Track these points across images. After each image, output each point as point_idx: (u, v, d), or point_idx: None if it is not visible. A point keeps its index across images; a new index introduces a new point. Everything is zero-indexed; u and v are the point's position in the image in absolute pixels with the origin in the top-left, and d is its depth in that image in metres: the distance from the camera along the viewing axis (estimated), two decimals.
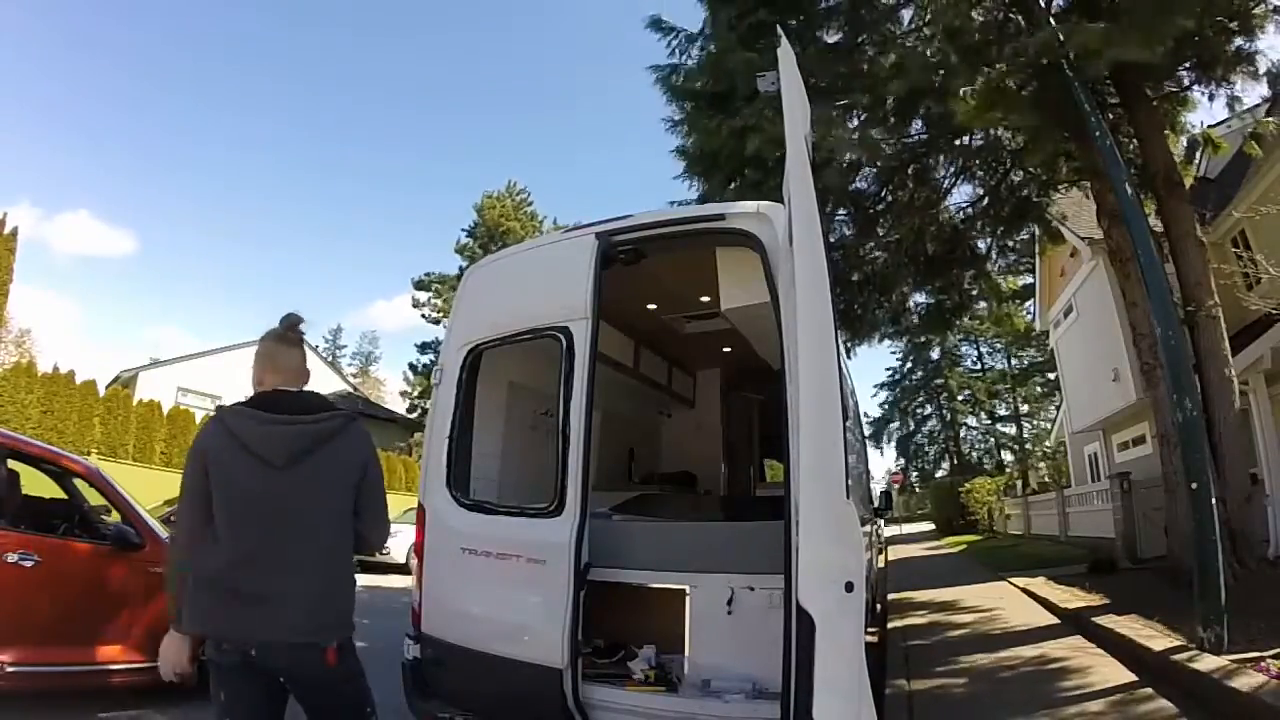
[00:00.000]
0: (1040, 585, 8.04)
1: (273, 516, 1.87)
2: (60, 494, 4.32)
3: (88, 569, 3.69)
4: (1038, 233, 9.73)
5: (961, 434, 39.40)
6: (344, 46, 72.36)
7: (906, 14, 7.64)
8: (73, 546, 3.74)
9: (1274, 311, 6.78)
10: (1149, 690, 3.85)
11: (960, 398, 38.53)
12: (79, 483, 4.22)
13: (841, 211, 8.29)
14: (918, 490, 41.63)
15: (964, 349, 38.49)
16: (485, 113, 76.78)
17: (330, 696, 1.96)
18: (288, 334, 2.11)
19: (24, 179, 59.84)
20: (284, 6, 64.93)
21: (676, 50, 7.80)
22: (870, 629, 5.20)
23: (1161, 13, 5.04)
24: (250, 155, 70.22)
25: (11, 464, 3.87)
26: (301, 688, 1.93)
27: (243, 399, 2.02)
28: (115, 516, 4.03)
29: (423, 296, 33.44)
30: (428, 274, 33.47)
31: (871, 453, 37.10)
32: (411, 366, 34.05)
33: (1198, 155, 8.71)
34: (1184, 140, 7.92)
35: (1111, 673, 4.30)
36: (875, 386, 40.64)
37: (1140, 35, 5.00)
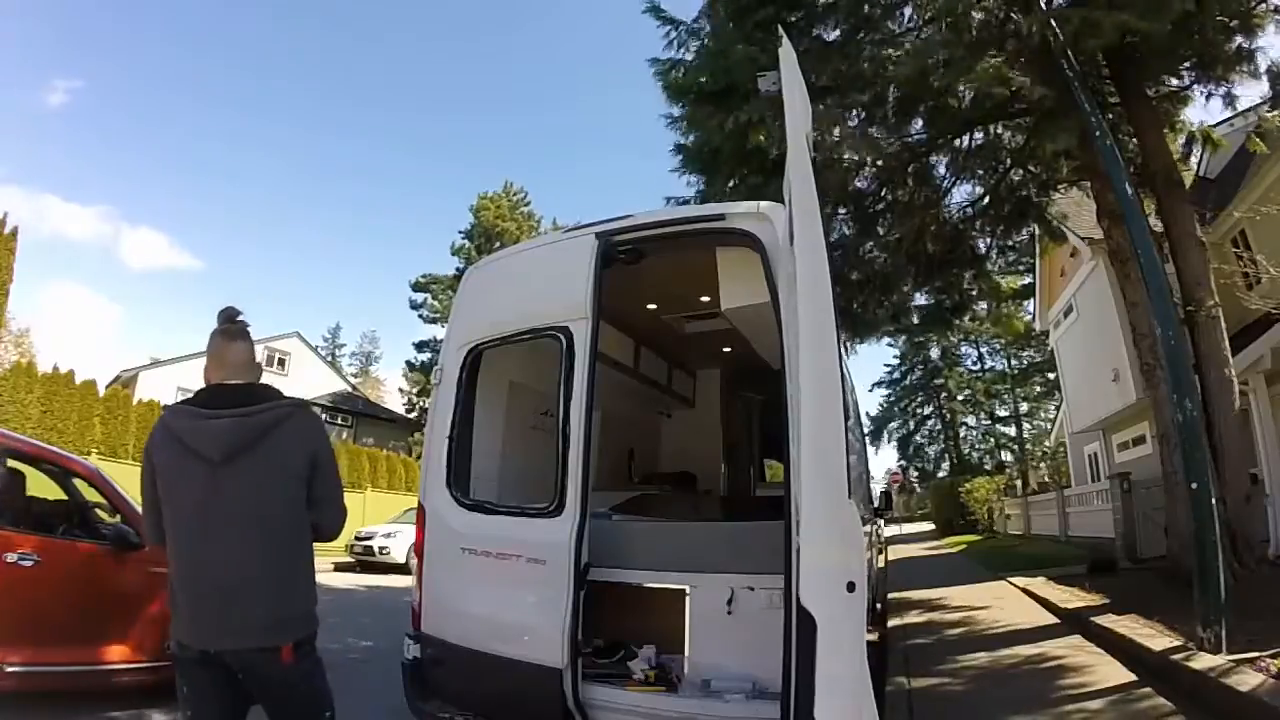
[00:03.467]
0: (1040, 585, 8.05)
1: (218, 514, 1.85)
2: (60, 494, 4.31)
3: (88, 569, 3.69)
4: (1038, 232, 9.73)
5: (961, 434, 39.41)
6: (345, 48, 72.35)
7: (907, 11, 7.63)
8: (72, 546, 3.73)
9: (1274, 311, 6.78)
10: (1148, 689, 3.85)
11: (960, 398, 38.53)
12: (79, 483, 4.21)
13: (841, 211, 8.28)
14: (918, 490, 41.63)
15: (964, 349, 38.48)
16: (485, 113, 76.80)
17: (287, 695, 1.94)
18: (228, 327, 2.09)
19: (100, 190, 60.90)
20: (283, 7, 64.91)
21: (675, 43, 7.74)
22: (870, 628, 5.19)
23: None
24: (291, 164, 70.49)
25: (14, 464, 3.86)
26: (258, 687, 1.91)
27: (187, 396, 2.02)
28: (116, 517, 4.03)
29: (420, 298, 33.45)
30: (424, 275, 33.49)
31: (871, 452, 37.14)
32: (410, 365, 34.06)
33: (1198, 154, 8.70)
34: (1184, 139, 7.92)
35: (1111, 672, 4.30)
36: (874, 384, 40.70)
37: (1141, 11, 5.02)
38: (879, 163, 7.50)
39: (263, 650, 1.86)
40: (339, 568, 13.14)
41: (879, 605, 6.71)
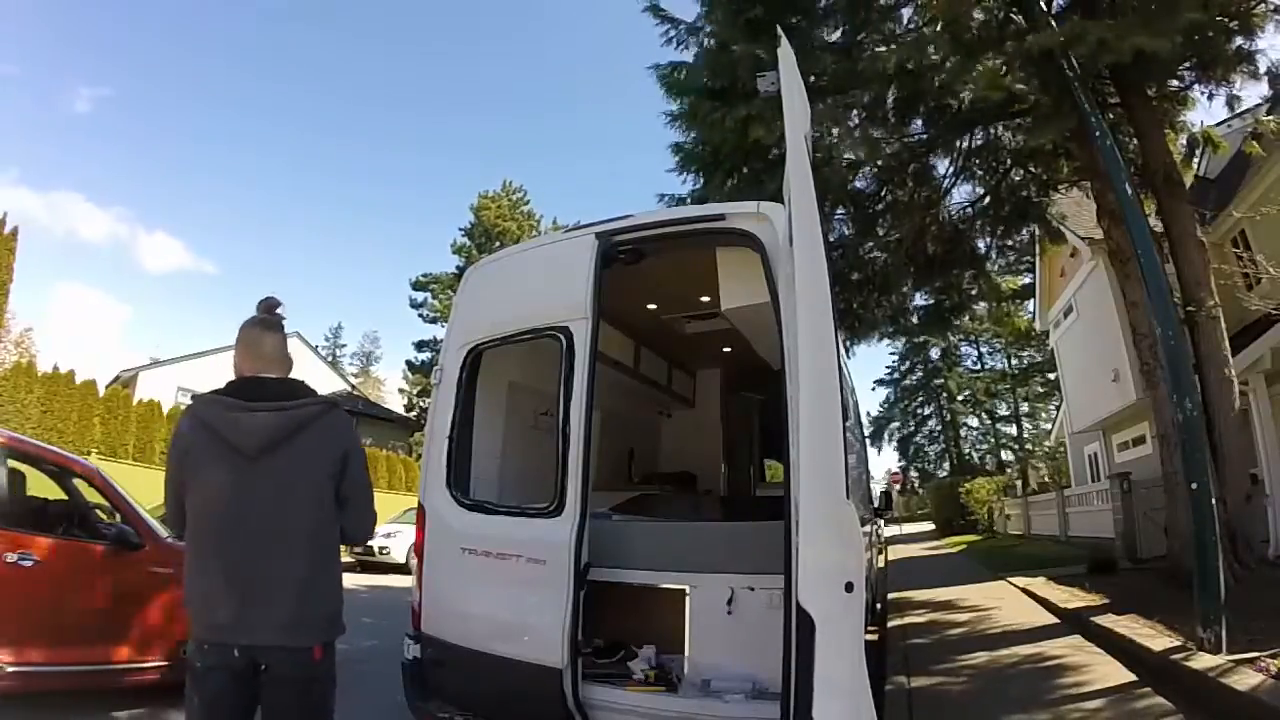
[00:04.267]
0: (1040, 585, 8.04)
1: (249, 508, 1.82)
2: (60, 494, 4.31)
3: (87, 569, 3.69)
4: (1038, 232, 9.73)
5: (962, 434, 39.43)
6: (343, 48, 72.39)
7: (906, 12, 7.63)
8: (72, 546, 3.73)
9: (1274, 311, 6.77)
10: (1148, 689, 3.86)
11: (960, 398, 38.55)
12: (79, 483, 4.21)
13: (841, 211, 8.28)
14: (918, 490, 41.62)
15: (964, 349, 38.53)
16: (485, 113, 76.81)
17: (303, 697, 1.89)
18: (266, 318, 2.04)
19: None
20: (283, 9, 64.97)
21: (675, 41, 7.71)
22: (870, 628, 5.20)
23: (1168, 7, 5.04)
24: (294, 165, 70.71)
25: (14, 464, 3.86)
26: (281, 687, 1.85)
27: (219, 386, 1.95)
28: (116, 517, 4.02)
29: (420, 297, 33.41)
30: (424, 275, 33.45)
31: (871, 452, 37.12)
32: (410, 365, 34.01)
33: (1198, 154, 8.69)
34: (1184, 139, 7.92)
35: (1110, 672, 4.30)
36: (874, 383, 40.71)
37: (1149, 28, 5.01)
38: (879, 162, 7.49)
39: (294, 650, 1.82)
40: None
41: (878, 605, 6.71)
